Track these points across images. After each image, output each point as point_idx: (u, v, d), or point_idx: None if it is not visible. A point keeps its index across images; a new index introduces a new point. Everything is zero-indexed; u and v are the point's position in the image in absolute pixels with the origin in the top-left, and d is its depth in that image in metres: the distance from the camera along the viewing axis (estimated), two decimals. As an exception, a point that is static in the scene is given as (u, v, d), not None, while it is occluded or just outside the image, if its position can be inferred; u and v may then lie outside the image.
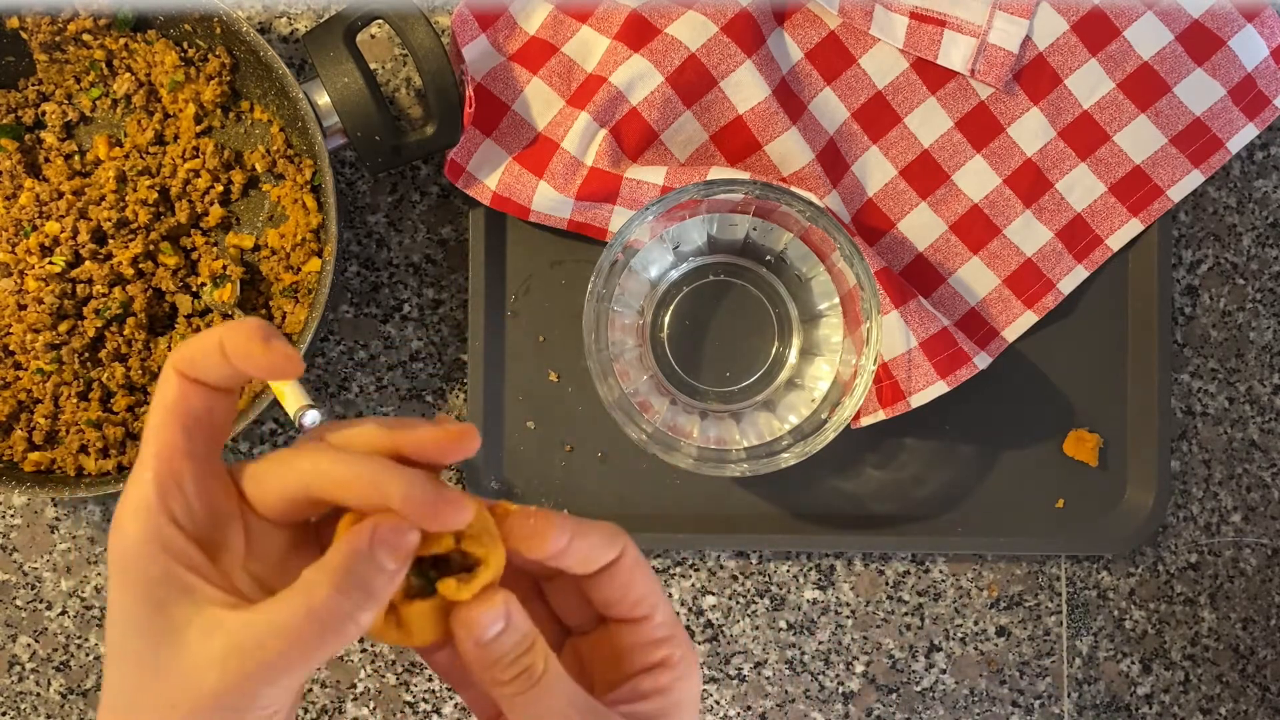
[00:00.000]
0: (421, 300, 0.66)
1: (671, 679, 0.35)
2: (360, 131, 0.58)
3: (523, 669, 0.33)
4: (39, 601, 0.66)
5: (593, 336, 0.57)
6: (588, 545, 0.34)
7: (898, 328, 0.61)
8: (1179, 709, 0.68)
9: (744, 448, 0.60)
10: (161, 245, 0.61)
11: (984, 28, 0.63)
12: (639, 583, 0.35)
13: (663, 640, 0.36)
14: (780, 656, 0.67)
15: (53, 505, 0.65)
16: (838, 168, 0.64)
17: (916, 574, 0.67)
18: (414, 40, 0.57)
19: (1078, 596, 0.68)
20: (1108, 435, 0.66)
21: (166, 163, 0.61)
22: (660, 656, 0.35)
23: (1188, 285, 0.68)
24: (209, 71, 0.61)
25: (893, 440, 0.66)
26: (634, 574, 0.35)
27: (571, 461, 0.65)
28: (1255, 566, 0.68)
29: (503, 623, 0.32)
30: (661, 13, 0.61)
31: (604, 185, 0.61)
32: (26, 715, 0.66)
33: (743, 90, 0.61)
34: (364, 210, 0.65)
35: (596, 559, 0.34)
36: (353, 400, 0.66)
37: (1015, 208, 0.65)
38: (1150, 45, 0.63)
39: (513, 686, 0.33)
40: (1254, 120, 0.64)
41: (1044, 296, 0.65)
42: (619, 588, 0.35)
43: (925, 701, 0.68)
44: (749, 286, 0.64)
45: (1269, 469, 0.68)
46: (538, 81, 0.63)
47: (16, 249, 0.60)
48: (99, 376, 0.60)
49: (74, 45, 0.61)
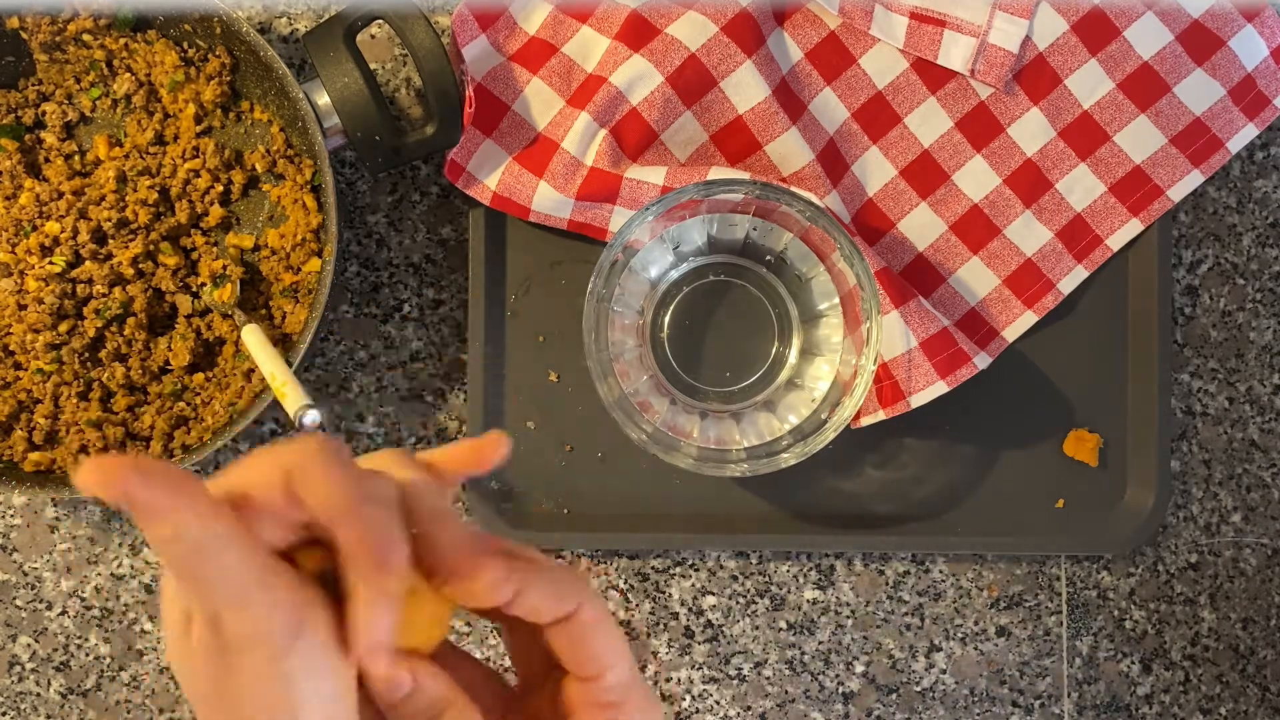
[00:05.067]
0: (421, 300, 0.66)
1: None
2: (360, 131, 0.58)
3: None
4: (39, 601, 0.66)
5: (593, 336, 0.57)
6: (537, 598, 0.33)
7: (898, 328, 0.61)
8: (1179, 709, 0.68)
9: (744, 448, 0.60)
10: (161, 245, 0.61)
11: (984, 28, 0.63)
12: (592, 641, 0.34)
13: (610, 704, 0.34)
14: (780, 656, 0.67)
15: (53, 505, 0.65)
16: (838, 168, 0.64)
17: (916, 574, 0.67)
18: (414, 40, 0.57)
19: (1078, 596, 0.68)
20: (1108, 435, 0.66)
21: (166, 163, 0.61)
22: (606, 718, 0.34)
23: (1188, 285, 0.68)
24: (209, 71, 0.61)
25: (893, 440, 0.66)
26: (588, 631, 0.34)
27: (571, 461, 0.65)
28: (1255, 566, 0.68)
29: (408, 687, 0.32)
30: (661, 13, 0.61)
31: (604, 185, 0.61)
32: (26, 715, 0.66)
33: (743, 90, 0.61)
34: (364, 210, 0.65)
35: (547, 614, 0.33)
36: (353, 400, 0.66)
37: (1015, 208, 0.65)
38: (1150, 45, 0.63)
39: None
40: (1254, 120, 0.64)
41: (1044, 296, 0.65)
42: (571, 643, 0.34)
43: (925, 701, 0.68)
44: (749, 286, 0.64)
45: (1269, 469, 0.68)
46: (538, 81, 0.63)
47: (16, 249, 0.60)
48: (99, 376, 0.60)
49: (74, 45, 0.61)
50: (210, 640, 0.30)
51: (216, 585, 0.29)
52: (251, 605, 0.29)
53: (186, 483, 0.29)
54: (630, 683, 0.35)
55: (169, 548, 0.29)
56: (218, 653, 0.30)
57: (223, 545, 0.29)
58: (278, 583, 0.30)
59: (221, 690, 0.30)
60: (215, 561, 0.29)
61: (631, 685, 0.35)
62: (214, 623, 0.30)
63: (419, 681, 0.32)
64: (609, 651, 0.34)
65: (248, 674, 0.30)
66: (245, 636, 0.30)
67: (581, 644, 0.34)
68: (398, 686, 0.32)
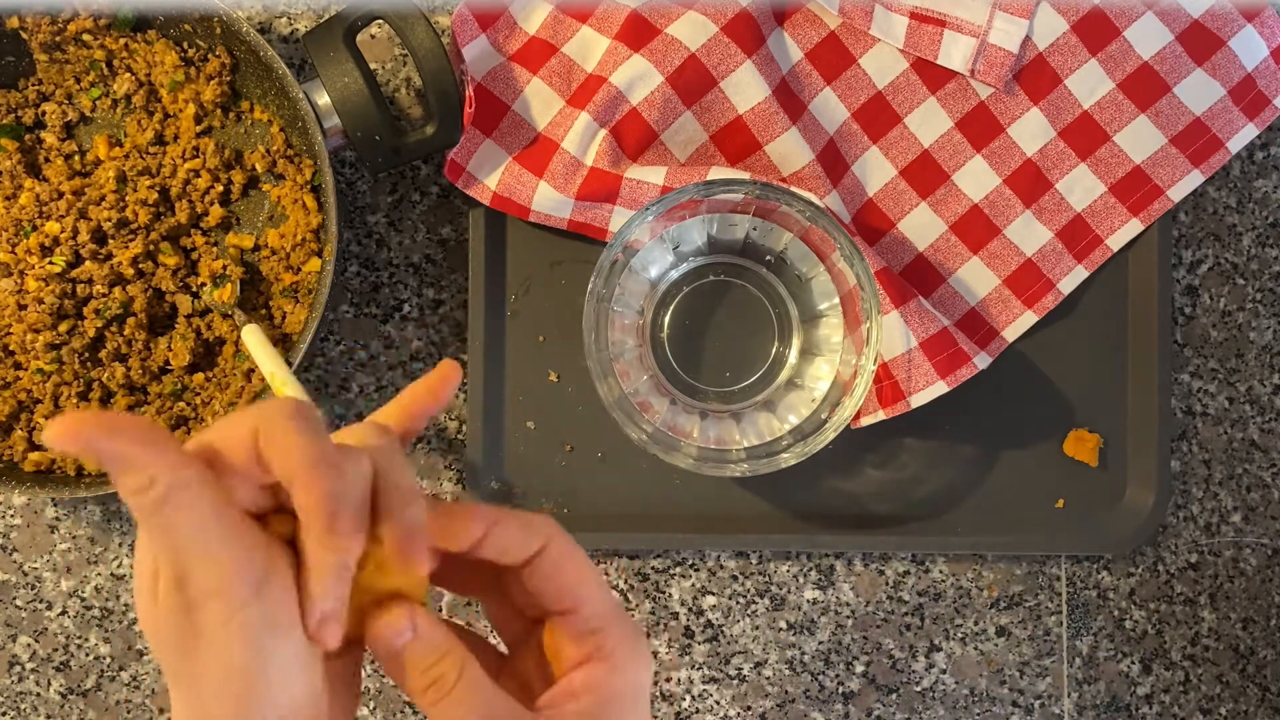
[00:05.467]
0: (421, 300, 0.66)
1: (602, 673, 0.34)
2: (360, 131, 0.58)
3: (434, 679, 0.32)
4: (39, 601, 0.66)
5: (593, 336, 0.57)
6: (505, 536, 0.34)
7: (898, 328, 0.61)
8: (1179, 709, 0.68)
9: (744, 448, 0.60)
10: (161, 245, 0.61)
11: (984, 28, 0.63)
12: (564, 574, 0.34)
13: (591, 632, 0.34)
14: (780, 656, 0.67)
15: (53, 505, 0.65)
16: (838, 168, 0.64)
17: (916, 574, 0.67)
18: (414, 40, 0.57)
19: (1078, 596, 0.68)
20: (1108, 435, 0.66)
21: (166, 163, 0.61)
22: (589, 649, 0.34)
23: (1188, 285, 0.68)
24: (209, 71, 0.61)
25: (893, 440, 0.66)
26: (558, 565, 0.34)
27: (571, 461, 0.65)
28: (1255, 566, 0.68)
29: (409, 633, 0.32)
30: (661, 13, 0.61)
31: (604, 185, 0.61)
32: (26, 715, 0.66)
33: (743, 90, 0.61)
34: (364, 210, 0.65)
35: (515, 551, 0.34)
36: (353, 400, 0.66)
37: (1015, 208, 0.65)
38: (1150, 45, 0.63)
39: (426, 696, 0.32)
40: (1254, 120, 0.64)
41: (1044, 296, 0.65)
42: (543, 580, 0.34)
43: (925, 701, 0.68)
44: (749, 286, 0.64)
45: (1269, 469, 0.68)
46: (538, 81, 0.63)
47: (16, 249, 0.60)
48: (99, 376, 0.60)
49: (74, 45, 0.61)
50: (175, 598, 0.30)
51: (183, 533, 0.29)
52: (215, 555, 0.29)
53: (156, 433, 0.29)
54: (608, 611, 0.35)
55: (138, 498, 0.29)
56: (183, 610, 0.30)
57: (191, 496, 0.29)
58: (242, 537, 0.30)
59: (185, 649, 0.30)
60: (183, 511, 0.29)
61: (610, 614, 0.35)
62: (179, 579, 0.30)
63: (420, 629, 0.32)
64: (583, 582, 0.35)
65: (209, 628, 0.30)
66: (207, 590, 0.30)
67: (555, 577, 0.34)
68: (398, 634, 0.32)
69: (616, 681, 0.34)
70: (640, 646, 0.35)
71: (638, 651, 0.35)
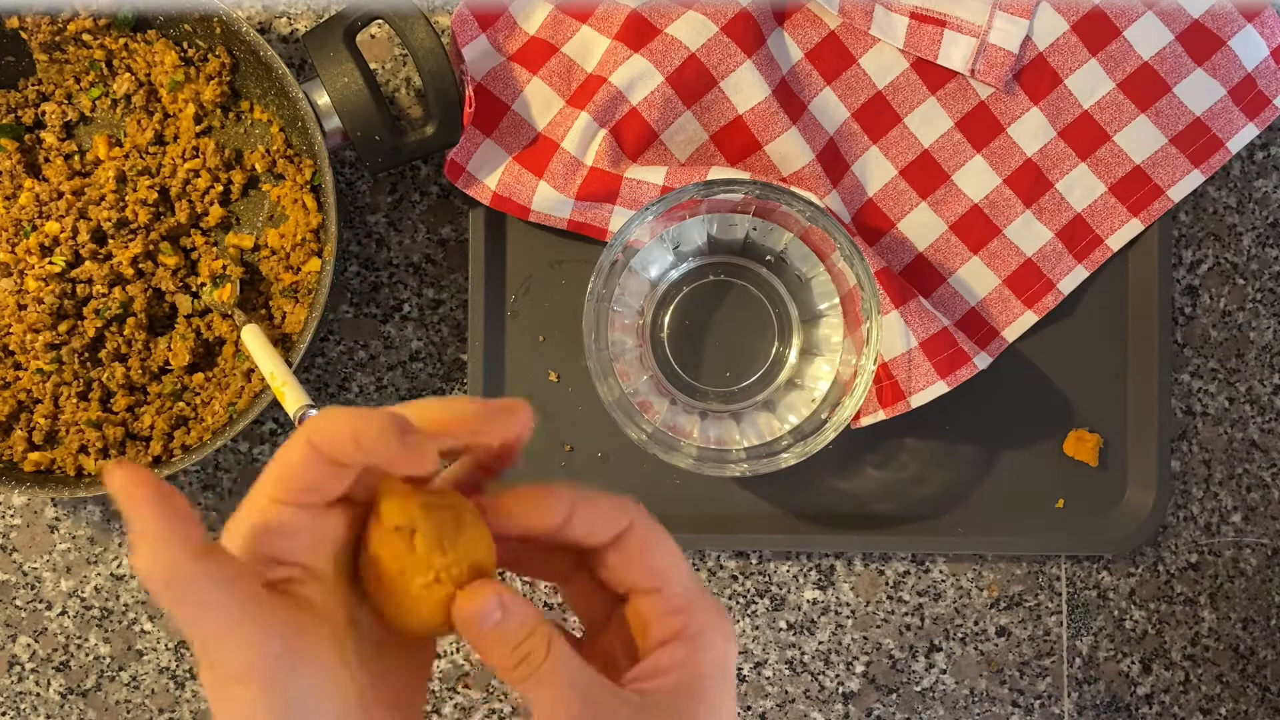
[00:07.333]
0: (421, 300, 0.66)
1: (689, 651, 0.34)
2: (360, 131, 0.58)
3: (524, 655, 0.32)
4: (39, 601, 0.66)
5: (593, 336, 0.57)
6: (591, 517, 0.34)
7: (898, 328, 0.61)
8: (1179, 709, 0.68)
9: (744, 448, 0.60)
10: (161, 245, 0.61)
11: (984, 28, 0.63)
12: (650, 554, 0.35)
13: (677, 610, 0.35)
14: (780, 656, 0.67)
15: (53, 505, 0.65)
16: (838, 168, 0.64)
17: (916, 574, 0.67)
18: (414, 40, 0.57)
19: (1078, 596, 0.68)
20: (1108, 435, 0.66)
21: (166, 163, 0.61)
22: (675, 628, 0.35)
23: (1188, 285, 0.68)
24: (209, 71, 0.61)
25: (893, 440, 0.66)
26: (644, 545, 0.35)
27: (571, 461, 0.65)
28: (1255, 566, 0.68)
29: (499, 612, 0.32)
30: (661, 13, 0.61)
31: (604, 185, 0.61)
32: (26, 715, 0.66)
33: (743, 90, 0.61)
34: (364, 210, 0.65)
35: (602, 531, 0.34)
36: (353, 400, 0.66)
37: (1015, 208, 0.65)
38: (1150, 45, 0.63)
39: (516, 673, 0.33)
40: (1254, 120, 0.64)
41: (1044, 296, 0.65)
42: (629, 559, 0.35)
43: (925, 701, 0.68)
44: (749, 286, 0.64)
45: (1269, 469, 0.68)
46: (538, 81, 0.63)
47: (16, 249, 0.60)
48: (99, 376, 0.60)
49: (74, 45, 0.61)
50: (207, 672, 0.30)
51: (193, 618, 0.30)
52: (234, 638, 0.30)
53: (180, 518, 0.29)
54: (693, 589, 0.35)
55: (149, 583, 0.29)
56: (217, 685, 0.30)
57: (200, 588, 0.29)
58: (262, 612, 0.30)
59: None
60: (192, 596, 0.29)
61: (695, 591, 0.35)
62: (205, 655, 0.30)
63: (508, 607, 0.32)
64: (668, 561, 0.35)
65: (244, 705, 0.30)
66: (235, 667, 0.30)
67: (640, 557, 0.35)
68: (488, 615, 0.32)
69: (703, 659, 0.34)
70: (725, 625, 0.36)
71: (723, 630, 0.35)
